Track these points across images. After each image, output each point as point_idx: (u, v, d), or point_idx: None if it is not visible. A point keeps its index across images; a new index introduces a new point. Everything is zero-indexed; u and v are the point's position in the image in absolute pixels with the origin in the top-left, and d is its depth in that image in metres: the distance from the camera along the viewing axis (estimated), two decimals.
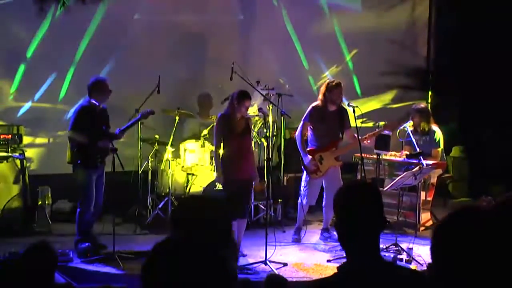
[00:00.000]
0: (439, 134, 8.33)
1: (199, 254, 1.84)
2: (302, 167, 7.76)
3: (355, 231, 2.44)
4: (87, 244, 6.99)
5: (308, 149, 7.67)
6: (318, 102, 7.66)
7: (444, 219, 2.02)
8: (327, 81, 7.74)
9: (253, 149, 8.38)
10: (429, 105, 10.12)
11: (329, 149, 7.66)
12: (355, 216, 2.44)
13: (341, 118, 7.67)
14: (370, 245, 2.45)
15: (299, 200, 7.77)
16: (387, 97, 10.49)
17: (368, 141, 7.60)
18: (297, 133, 7.76)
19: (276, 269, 6.65)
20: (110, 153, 6.87)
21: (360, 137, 7.46)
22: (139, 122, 8.25)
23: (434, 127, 8.37)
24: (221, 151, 7.02)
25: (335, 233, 7.88)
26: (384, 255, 6.06)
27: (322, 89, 7.62)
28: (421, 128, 8.32)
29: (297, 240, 7.78)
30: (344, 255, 7.41)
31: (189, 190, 8.35)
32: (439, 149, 8.36)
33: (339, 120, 7.66)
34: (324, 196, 7.75)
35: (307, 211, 7.81)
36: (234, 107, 6.94)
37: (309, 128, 7.69)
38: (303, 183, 7.75)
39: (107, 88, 7.09)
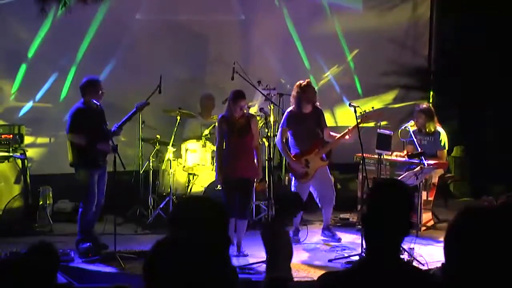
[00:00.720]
0: (444, 136, 8.33)
1: (198, 253, 1.84)
2: (290, 173, 7.75)
3: (380, 229, 2.41)
4: (88, 244, 6.99)
5: (292, 155, 7.65)
6: (293, 107, 7.63)
7: (455, 220, 2.02)
8: (297, 83, 7.62)
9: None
10: (430, 105, 10.10)
11: (313, 151, 7.63)
12: (383, 215, 2.41)
13: (318, 118, 7.65)
14: (392, 246, 2.42)
15: None
16: (389, 97, 10.47)
17: (347, 136, 7.58)
18: (276, 140, 7.73)
19: None
20: (111, 151, 6.88)
21: (339, 134, 7.59)
22: (140, 122, 8.27)
23: (439, 128, 8.37)
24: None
25: (336, 232, 7.91)
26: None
27: (295, 92, 7.54)
28: (427, 129, 8.30)
29: (296, 241, 7.77)
30: (346, 255, 7.39)
31: (190, 190, 8.35)
32: (445, 151, 8.38)
33: (316, 120, 7.63)
34: (318, 198, 7.75)
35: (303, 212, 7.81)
36: (231, 107, 6.99)
37: (289, 133, 7.66)
38: (292, 188, 7.73)
39: (100, 85, 7.11)
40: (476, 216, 1.99)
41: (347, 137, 7.58)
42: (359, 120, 7.37)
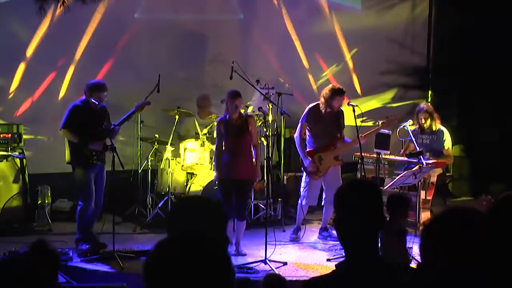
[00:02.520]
0: (447, 135, 8.35)
1: (197, 253, 1.84)
2: (302, 168, 7.76)
3: (354, 230, 2.43)
4: (87, 246, 6.98)
5: (307, 150, 7.67)
6: (316, 103, 7.65)
7: (430, 220, 2.03)
8: (331, 86, 7.66)
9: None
10: (429, 103, 10.11)
11: (328, 149, 7.65)
12: (354, 215, 2.44)
13: (338, 118, 7.66)
14: (369, 243, 2.44)
15: (299, 201, 7.76)
16: (387, 96, 10.48)
17: (363, 140, 7.60)
18: (295, 134, 7.75)
19: (276, 268, 6.65)
20: (110, 152, 6.89)
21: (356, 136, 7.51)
22: (139, 122, 8.26)
23: (442, 127, 8.39)
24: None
25: (334, 232, 7.90)
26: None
27: (326, 93, 7.56)
28: (431, 128, 8.32)
29: (295, 240, 7.78)
30: (344, 254, 7.34)
31: (189, 189, 8.34)
32: (451, 150, 8.40)
33: (335, 120, 7.64)
34: (324, 196, 7.75)
35: (306, 212, 7.80)
36: (228, 107, 7.02)
37: (306, 129, 7.69)
38: (303, 184, 7.75)
39: (105, 90, 7.14)
40: (449, 217, 1.98)
41: (362, 141, 7.57)
42: (379, 125, 7.64)
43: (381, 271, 2.42)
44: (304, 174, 7.74)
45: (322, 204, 7.82)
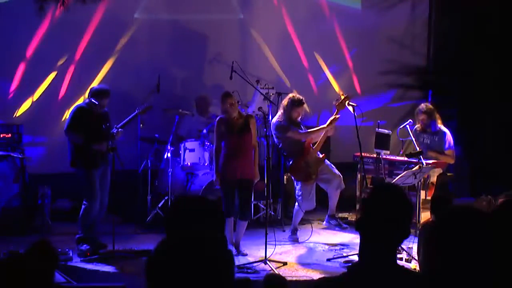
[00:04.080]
0: (449, 135, 8.36)
1: (197, 253, 1.84)
2: (293, 177, 7.72)
3: (377, 235, 2.35)
4: (87, 246, 6.99)
5: (290, 162, 7.60)
6: (279, 116, 7.60)
7: (436, 221, 2.02)
8: (291, 95, 7.62)
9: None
10: (428, 104, 10.10)
11: (308, 151, 7.61)
12: (380, 220, 2.35)
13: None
14: (387, 250, 2.37)
15: (295, 207, 7.72)
16: (387, 96, 10.47)
17: (331, 133, 7.59)
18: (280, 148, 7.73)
19: (276, 268, 6.65)
20: (110, 152, 6.89)
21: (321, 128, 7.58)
22: (139, 121, 8.26)
23: (443, 128, 8.39)
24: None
25: (336, 232, 7.81)
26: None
27: (285, 103, 7.53)
28: (431, 128, 8.34)
29: (295, 240, 7.77)
30: (344, 254, 7.38)
31: (189, 189, 8.34)
32: (453, 149, 8.41)
33: (299, 124, 7.64)
34: (326, 188, 7.69)
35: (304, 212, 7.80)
36: (222, 108, 7.04)
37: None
38: (297, 192, 7.70)
39: (108, 95, 7.16)
40: (455, 219, 1.98)
41: (331, 133, 7.59)
42: (336, 115, 7.53)
43: (396, 276, 2.36)
44: (296, 181, 7.70)
45: (329, 197, 7.78)
